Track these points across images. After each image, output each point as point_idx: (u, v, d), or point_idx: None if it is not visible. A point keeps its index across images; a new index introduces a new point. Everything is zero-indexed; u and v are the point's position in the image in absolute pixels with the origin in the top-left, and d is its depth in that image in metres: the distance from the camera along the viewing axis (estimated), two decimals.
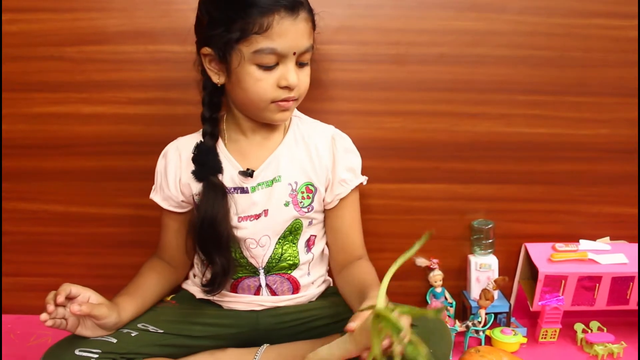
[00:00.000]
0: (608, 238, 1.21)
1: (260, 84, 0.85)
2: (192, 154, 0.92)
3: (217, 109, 0.94)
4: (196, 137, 0.95)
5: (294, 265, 0.97)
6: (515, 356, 1.00)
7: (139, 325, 0.91)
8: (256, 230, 0.94)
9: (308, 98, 0.93)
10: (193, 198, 0.95)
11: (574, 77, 1.12)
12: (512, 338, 1.09)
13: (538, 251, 1.16)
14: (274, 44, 0.82)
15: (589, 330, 1.16)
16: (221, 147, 0.95)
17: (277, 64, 0.84)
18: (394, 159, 1.01)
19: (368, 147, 1.04)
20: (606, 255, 1.13)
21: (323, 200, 0.97)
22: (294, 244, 0.97)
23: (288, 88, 0.86)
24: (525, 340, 1.10)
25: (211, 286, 0.92)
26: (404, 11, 1.08)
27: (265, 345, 0.97)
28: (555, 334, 1.13)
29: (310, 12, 0.86)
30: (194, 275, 1.02)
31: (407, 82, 1.11)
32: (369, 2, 1.08)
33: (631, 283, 1.11)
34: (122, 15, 1.06)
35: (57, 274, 1.21)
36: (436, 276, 1.15)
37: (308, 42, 0.86)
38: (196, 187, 0.93)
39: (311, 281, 1.00)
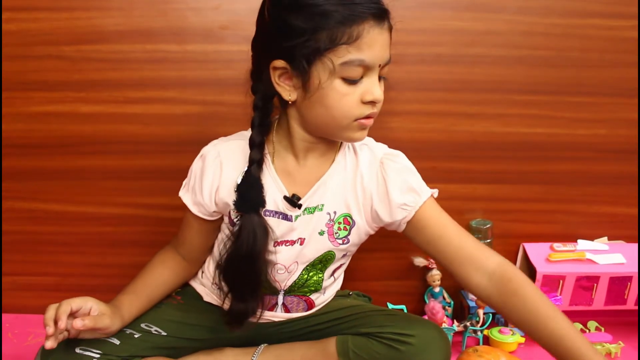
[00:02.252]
0: (606, 238, 1.21)
1: (345, 99, 0.78)
2: (237, 184, 0.84)
3: (267, 132, 0.86)
4: (239, 144, 0.87)
5: (316, 290, 0.95)
6: (513, 356, 1.00)
7: (142, 326, 0.91)
8: (289, 256, 0.90)
9: None
10: (230, 214, 0.89)
11: (572, 77, 1.12)
12: (510, 338, 1.09)
13: (536, 251, 1.16)
14: (363, 54, 0.76)
15: (587, 330, 1.16)
16: (268, 164, 0.87)
17: (361, 78, 0.78)
18: None
19: None
20: (604, 255, 1.13)
21: (386, 225, 0.90)
22: (322, 272, 0.93)
23: (372, 103, 0.79)
24: (523, 340, 1.10)
25: (235, 324, 0.86)
26: (401, 11, 1.06)
27: (263, 345, 0.96)
28: None
29: (390, 21, 0.81)
30: (202, 274, 0.99)
31: (404, 82, 1.11)
32: None
33: (629, 283, 1.11)
34: (120, 14, 1.06)
35: (55, 273, 1.21)
36: (434, 275, 1.15)
37: (389, 54, 0.80)
38: None
39: (325, 299, 0.99)
